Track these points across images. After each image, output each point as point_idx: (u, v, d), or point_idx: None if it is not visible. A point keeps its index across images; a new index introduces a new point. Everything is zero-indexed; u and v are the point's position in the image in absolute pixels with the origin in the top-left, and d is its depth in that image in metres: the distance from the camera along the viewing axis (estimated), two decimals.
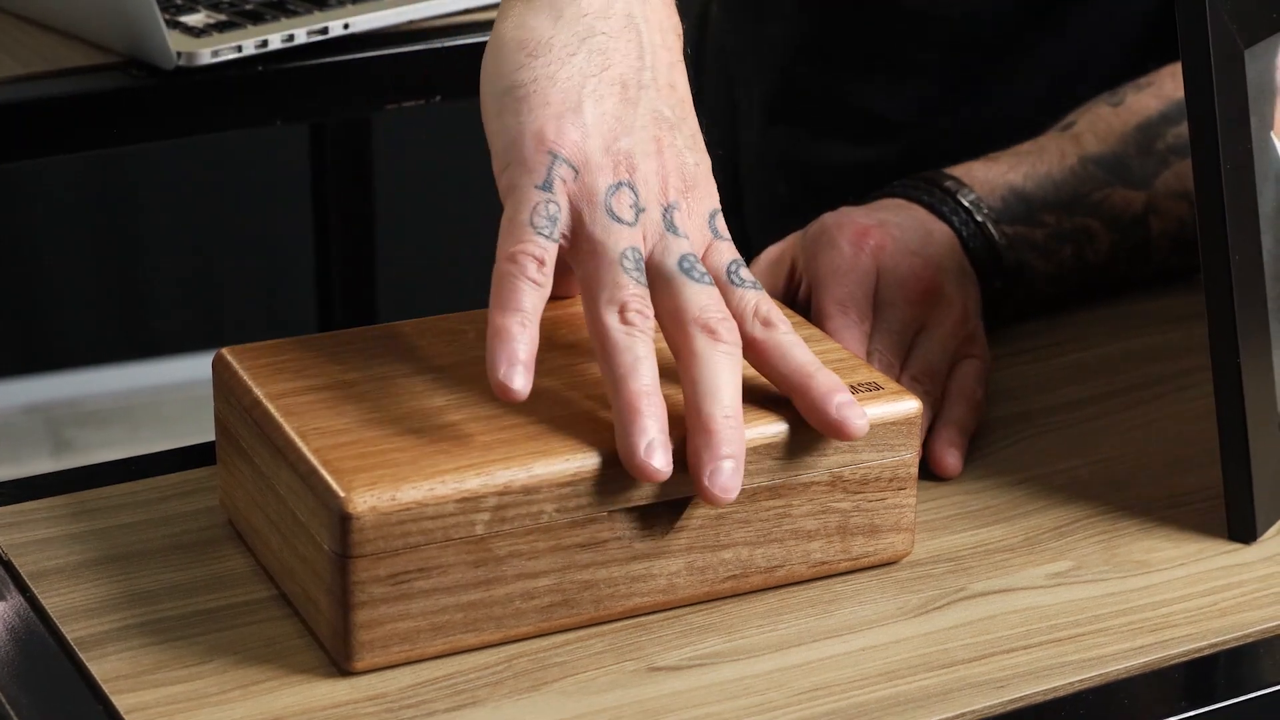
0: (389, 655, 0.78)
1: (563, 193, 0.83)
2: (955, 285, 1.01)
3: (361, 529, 0.76)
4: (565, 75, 0.84)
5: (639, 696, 0.78)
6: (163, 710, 0.76)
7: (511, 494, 0.78)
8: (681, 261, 0.84)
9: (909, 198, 1.05)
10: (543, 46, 0.85)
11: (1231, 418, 0.87)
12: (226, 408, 0.86)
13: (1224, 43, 0.84)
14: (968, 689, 0.79)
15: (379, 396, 0.83)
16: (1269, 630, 0.84)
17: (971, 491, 0.93)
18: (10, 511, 0.89)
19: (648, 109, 0.85)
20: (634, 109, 0.85)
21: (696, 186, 0.86)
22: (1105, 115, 1.10)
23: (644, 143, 0.85)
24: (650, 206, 0.84)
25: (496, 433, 0.81)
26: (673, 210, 0.85)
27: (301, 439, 0.80)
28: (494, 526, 0.78)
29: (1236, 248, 0.86)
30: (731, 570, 0.83)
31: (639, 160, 0.84)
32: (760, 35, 1.34)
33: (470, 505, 0.77)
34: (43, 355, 2.88)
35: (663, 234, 0.84)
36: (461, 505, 0.77)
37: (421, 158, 2.81)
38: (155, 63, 1.45)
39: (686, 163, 0.86)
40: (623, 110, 0.85)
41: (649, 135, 0.85)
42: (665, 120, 0.86)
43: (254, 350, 0.87)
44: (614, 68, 0.85)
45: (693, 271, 0.83)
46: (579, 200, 0.83)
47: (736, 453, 0.80)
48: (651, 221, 0.84)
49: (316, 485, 0.78)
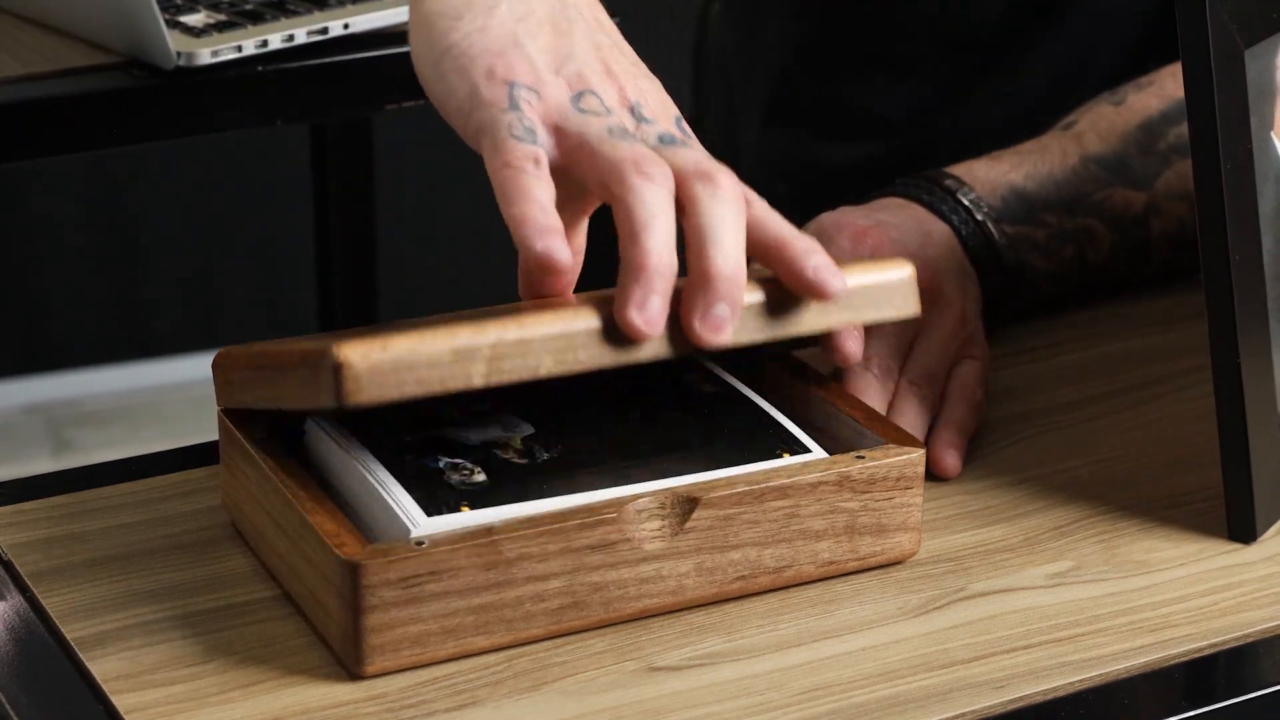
0: (399, 659, 0.78)
1: (532, 112, 0.83)
2: (954, 286, 1.01)
3: (355, 378, 0.74)
4: (495, 24, 0.85)
5: (639, 696, 0.78)
6: (163, 710, 0.76)
7: (506, 345, 0.76)
8: (663, 136, 0.83)
9: (909, 197, 1.05)
10: (464, 7, 0.86)
11: (1231, 418, 0.87)
12: None
13: (1224, 43, 0.84)
14: (968, 689, 0.79)
15: None
16: (1269, 630, 0.84)
17: (971, 491, 0.93)
18: (10, 511, 0.89)
19: (583, 38, 0.86)
20: (569, 40, 0.86)
21: (655, 95, 0.86)
22: (1107, 115, 1.10)
23: (591, 64, 0.85)
24: (616, 109, 0.84)
25: None
26: (639, 108, 0.85)
27: None
28: (491, 379, 0.76)
29: (1236, 248, 0.86)
30: (740, 571, 0.83)
31: (591, 77, 0.85)
32: (760, 35, 1.34)
33: (465, 354, 0.76)
34: (43, 355, 2.88)
35: (637, 123, 0.84)
36: (456, 354, 0.76)
37: (421, 158, 2.81)
38: (155, 63, 1.45)
39: (638, 76, 0.86)
40: (559, 43, 0.85)
41: (594, 58, 0.86)
42: (604, 45, 0.86)
43: None
44: (537, 12, 0.86)
45: (676, 140, 0.83)
46: (549, 117, 0.83)
47: (734, 299, 0.78)
48: (622, 115, 0.84)
49: None
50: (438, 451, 0.83)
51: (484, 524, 0.78)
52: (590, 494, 0.80)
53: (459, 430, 0.85)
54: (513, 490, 0.81)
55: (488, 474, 0.82)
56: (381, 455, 0.82)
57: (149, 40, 1.43)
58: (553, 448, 0.84)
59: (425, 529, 0.78)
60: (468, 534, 0.78)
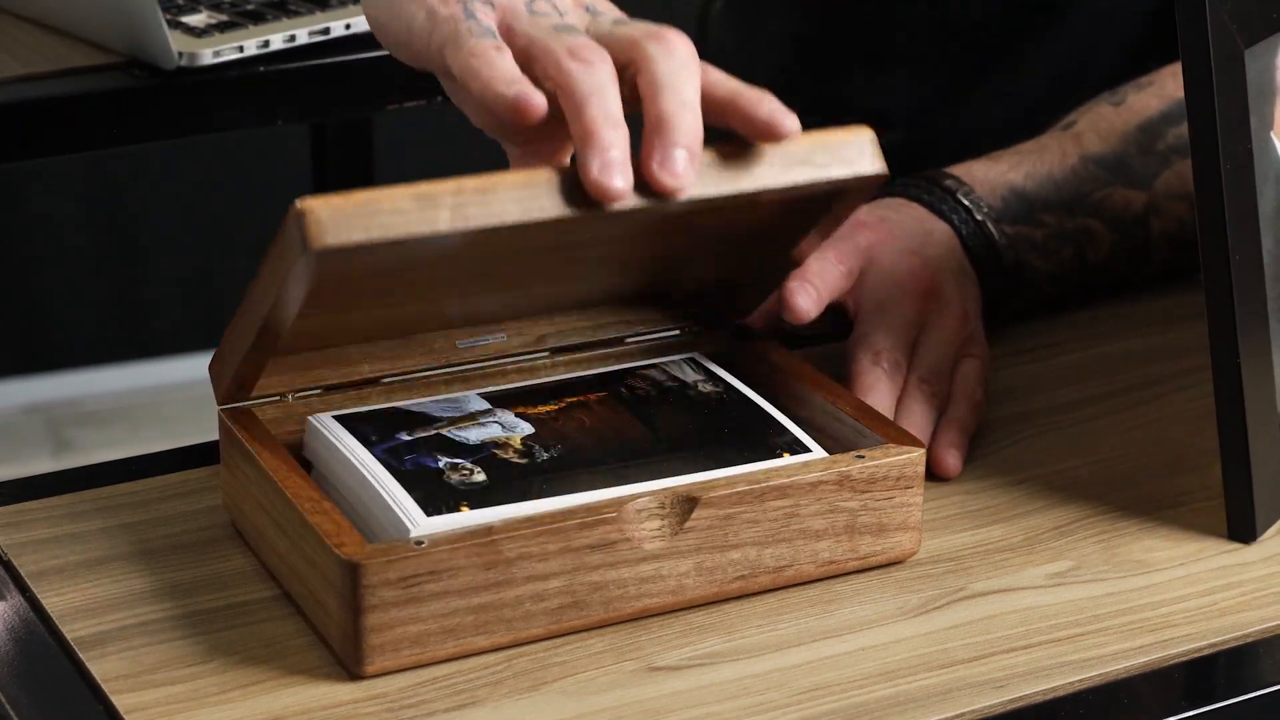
0: (399, 659, 0.78)
1: (488, 17, 0.83)
2: (954, 285, 1.01)
3: (318, 222, 0.74)
4: None
5: (639, 696, 0.78)
6: (163, 710, 0.76)
7: (468, 191, 0.76)
8: (616, 20, 0.83)
9: (909, 197, 1.05)
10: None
11: (1231, 418, 0.87)
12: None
13: (1224, 43, 0.84)
14: (968, 689, 0.79)
15: None
16: (1269, 630, 0.84)
17: (971, 491, 0.93)
18: (10, 511, 0.89)
19: None
20: None
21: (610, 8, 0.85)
22: (1107, 115, 1.10)
23: None
24: (569, 10, 0.84)
25: None
26: (594, 6, 0.84)
27: None
28: (457, 224, 0.76)
29: (1236, 248, 0.85)
30: (740, 570, 0.83)
31: None
32: (760, 35, 1.34)
33: (427, 200, 0.76)
34: (43, 355, 2.88)
35: (592, 18, 0.84)
36: (419, 199, 0.75)
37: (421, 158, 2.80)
38: (157, 63, 1.45)
39: None
40: None
41: None
42: None
43: None
44: None
45: (630, 22, 0.83)
46: (503, 22, 0.83)
47: (692, 144, 0.78)
48: (575, 14, 0.84)
49: None
50: (437, 451, 0.83)
51: (484, 524, 0.78)
52: (590, 494, 0.80)
53: (458, 430, 0.85)
54: (512, 490, 0.81)
55: (487, 474, 0.82)
56: (381, 455, 0.82)
57: (150, 40, 1.43)
58: (552, 447, 0.84)
59: (424, 529, 0.78)
60: (468, 534, 0.78)
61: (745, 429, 0.86)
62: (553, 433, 0.85)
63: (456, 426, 0.85)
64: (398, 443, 0.83)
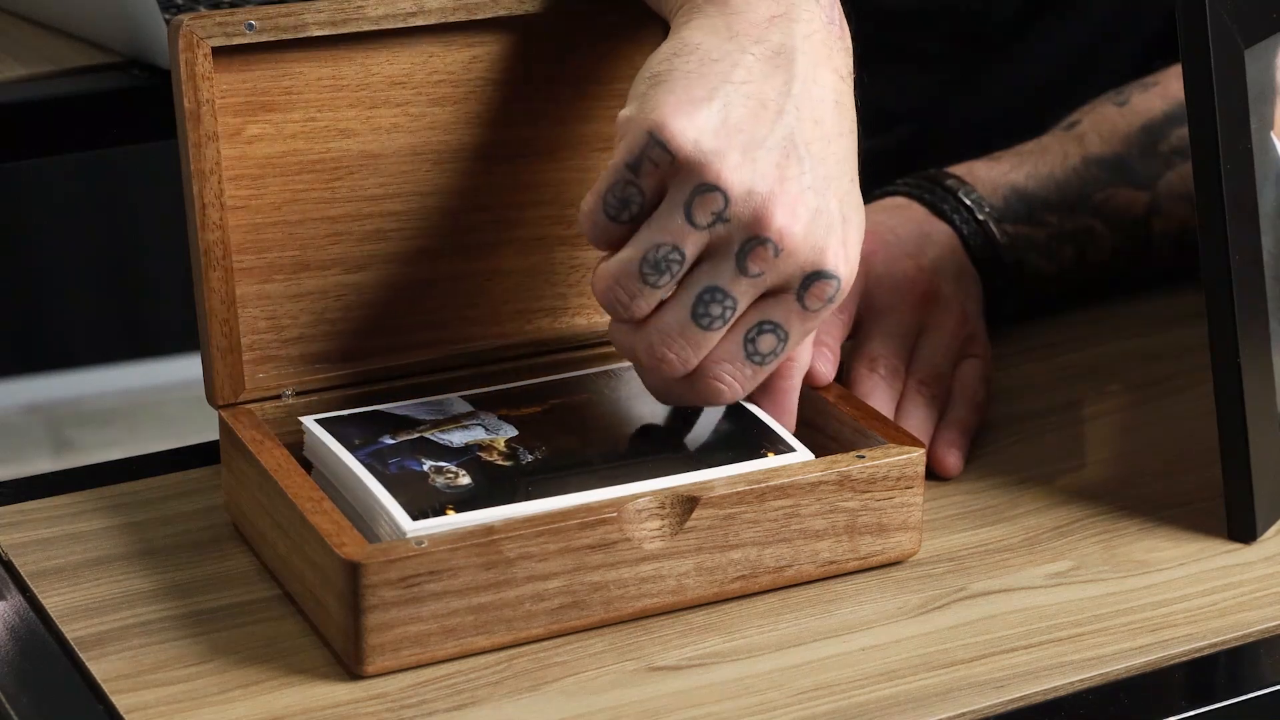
0: (400, 659, 0.78)
1: (650, 175, 0.79)
2: (953, 287, 1.01)
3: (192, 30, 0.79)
4: (705, 73, 0.79)
5: (639, 696, 0.78)
6: (163, 710, 0.76)
7: None
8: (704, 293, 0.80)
9: (910, 196, 1.05)
10: (689, 49, 0.80)
11: (1231, 418, 0.87)
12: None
13: (1224, 43, 0.84)
14: (968, 689, 0.79)
15: None
16: (1269, 630, 0.84)
17: (972, 491, 0.93)
18: (10, 511, 0.89)
19: (783, 133, 0.79)
20: (767, 128, 0.79)
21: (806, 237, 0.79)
22: (1110, 115, 1.10)
23: (764, 165, 0.79)
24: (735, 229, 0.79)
25: None
26: (755, 244, 0.79)
27: None
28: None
29: (1236, 248, 0.85)
30: (740, 570, 0.83)
31: (752, 179, 0.78)
32: None
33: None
34: (43, 355, 2.88)
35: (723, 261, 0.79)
36: None
37: None
38: (156, 63, 1.44)
39: (804, 203, 0.79)
40: (753, 125, 0.79)
41: (771, 160, 0.79)
42: (797, 150, 0.79)
43: None
44: (754, 84, 0.80)
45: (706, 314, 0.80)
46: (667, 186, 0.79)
47: None
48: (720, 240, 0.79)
49: None
50: (421, 454, 0.83)
51: (484, 523, 0.78)
52: (582, 494, 0.80)
53: (441, 433, 0.85)
54: (498, 493, 0.81)
55: (472, 477, 0.82)
56: (365, 459, 0.82)
57: (149, 40, 1.43)
58: (536, 450, 0.84)
59: (411, 533, 0.78)
60: (468, 533, 0.78)
61: (728, 430, 0.86)
62: (537, 435, 0.85)
63: (440, 429, 0.85)
64: (382, 446, 0.83)
